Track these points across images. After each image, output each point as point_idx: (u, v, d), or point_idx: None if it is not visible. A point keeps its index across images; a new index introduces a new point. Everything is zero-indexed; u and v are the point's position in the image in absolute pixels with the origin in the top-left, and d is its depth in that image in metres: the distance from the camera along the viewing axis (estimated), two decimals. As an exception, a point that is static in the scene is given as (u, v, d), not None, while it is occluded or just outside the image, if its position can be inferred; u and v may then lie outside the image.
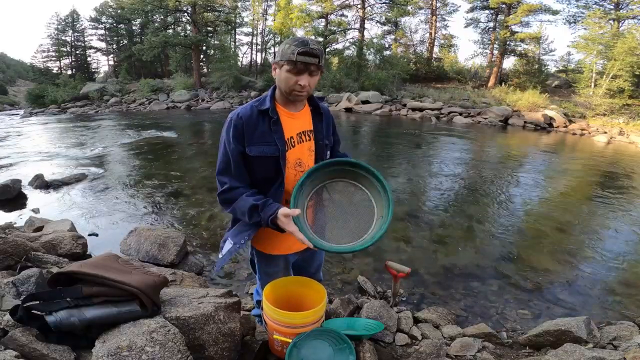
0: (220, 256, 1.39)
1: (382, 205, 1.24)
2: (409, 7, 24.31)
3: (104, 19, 33.50)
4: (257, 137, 1.26)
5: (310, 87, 1.24)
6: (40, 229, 3.49)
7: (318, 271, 1.71)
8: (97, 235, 3.80)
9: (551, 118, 15.42)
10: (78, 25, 33.72)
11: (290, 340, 1.34)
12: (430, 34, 27.08)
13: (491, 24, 24.91)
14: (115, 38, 34.49)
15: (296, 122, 1.34)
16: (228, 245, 1.37)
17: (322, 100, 1.47)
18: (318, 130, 1.39)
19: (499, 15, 23.80)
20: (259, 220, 1.21)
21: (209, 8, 26.38)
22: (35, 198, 5.08)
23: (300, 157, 1.34)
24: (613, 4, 19.94)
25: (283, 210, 1.17)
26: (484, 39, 25.50)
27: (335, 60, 25.51)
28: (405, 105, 18.33)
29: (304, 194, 1.29)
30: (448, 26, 47.53)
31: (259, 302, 1.67)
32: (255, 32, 31.69)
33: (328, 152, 1.45)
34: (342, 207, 1.31)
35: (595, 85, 17.55)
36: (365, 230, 1.26)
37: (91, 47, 34.89)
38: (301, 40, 1.16)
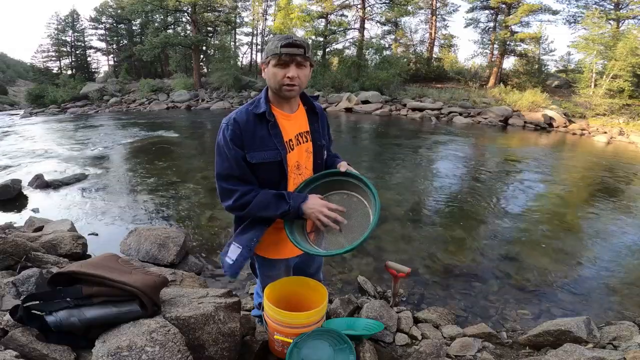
0: (229, 262, 1.31)
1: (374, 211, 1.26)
2: (409, 7, 24.28)
3: (104, 19, 33.47)
4: (257, 142, 1.22)
5: (301, 79, 1.19)
6: (40, 229, 3.49)
7: (318, 272, 1.71)
8: (97, 235, 3.80)
9: (551, 118, 15.42)
10: (78, 25, 33.67)
11: (291, 341, 1.34)
12: (430, 34, 27.07)
13: (491, 24, 24.90)
14: (115, 38, 34.46)
15: (293, 123, 1.31)
16: (236, 249, 1.31)
17: (316, 99, 1.44)
18: (315, 131, 1.36)
19: (499, 15, 23.79)
20: (287, 209, 1.19)
21: (209, 8, 26.36)
22: (35, 198, 5.08)
23: (299, 159, 1.32)
24: (613, 4, 19.95)
25: (317, 200, 1.23)
26: (484, 39, 25.50)
27: (335, 60, 25.50)
28: (405, 105, 18.32)
29: None
30: (448, 26, 47.49)
31: (260, 304, 1.67)
32: (255, 32, 31.72)
33: (325, 152, 1.43)
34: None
35: (595, 85, 17.54)
36: (361, 235, 1.25)
37: (91, 47, 34.86)
38: (284, 35, 1.17)
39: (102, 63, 39.51)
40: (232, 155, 1.21)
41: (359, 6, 24.17)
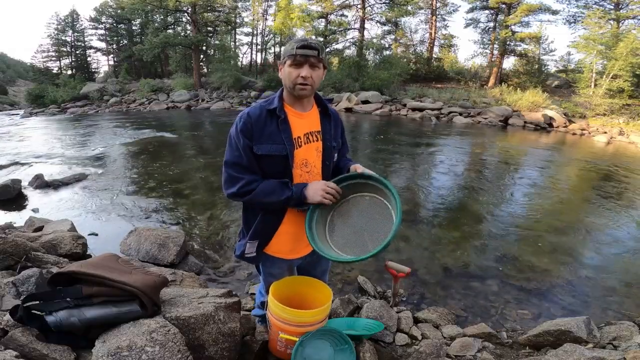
0: (250, 256, 1.42)
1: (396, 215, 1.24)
2: (409, 7, 24.28)
3: (104, 19, 33.47)
4: (265, 136, 1.28)
5: (313, 80, 1.26)
6: (40, 229, 3.49)
7: (323, 275, 1.70)
8: (97, 235, 3.79)
9: (551, 118, 15.42)
10: (78, 25, 33.67)
11: (296, 339, 1.34)
12: (430, 34, 27.08)
13: (491, 24, 24.92)
14: (115, 38, 34.47)
15: (304, 121, 1.35)
16: (252, 246, 1.41)
17: (330, 102, 1.49)
18: (326, 131, 1.40)
19: (499, 15, 23.79)
20: (290, 194, 1.25)
21: (209, 8, 26.37)
22: (35, 198, 5.08)
23: (307, 157, 1.35)
24: (613, 4, 19.94)
25: (319, 182, 1.28)
26: (484, 39, 25.52)
27: (335, 60, 25.51)
28: (405, 105, 18.32)
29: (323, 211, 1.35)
30: (448, 26, 47.41)
31: (263, 303, 1.67)
32: (255, 32, 31.74)
33: (336, 155, 1.46)
34: (360, 221, 1.33)
35: (595, 85, 17.53)
36: (380, 241, 1.26)
37: (91, 47, 34.87)
38: (301, 38, 1.27)
39: (102, 63, 39.58)
40: (241, 145, 1.27)
41: (359, 6, 24.16)
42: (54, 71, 32.65)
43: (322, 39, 23.96)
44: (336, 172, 1.46)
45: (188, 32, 27.21)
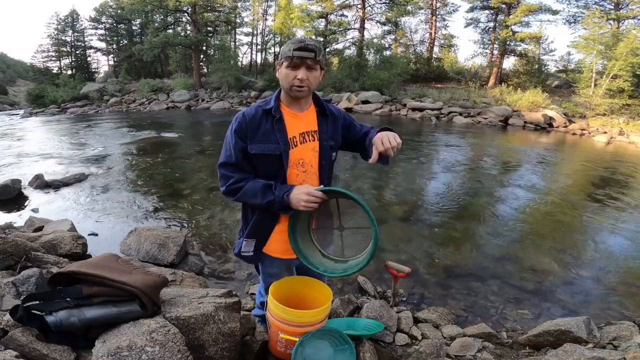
0: (247, 255, 1.43)
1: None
2: (409, 7, 24.27)
3: (103, 19, 33.47)
4: (260, 135, 1.29)
5: (310, 81, 1.26)
6: (40, 229, 3.49)
7: (322, 275, 1.70)
8: (97, 235, 3.79)
9: (551, 118, 15.43)
10: (78, 25, 33.67)
11: (296, 339, 1.34)
12: (430, 34, 27.07)
13: (491, 24, 24.91)
14: (115, 38, 34.46)
15: (300, 121, 1.35)
16: (249, 244, 1.43)
17: (329, 102, 1.49)
18: (323, 131, 1.39)
19: (499, 15, 23.79)
20: (272, 198, 1.24)
21: (209, 8, 26.37)
22: (35, 198, 5.08)
23: (303, 157, 1.35)
24: (613, 4, 19.94)
25: (302, 187, 1.24)
26: (484, 39, 25.51)
27: (335, 60, 25.51)
28: (405, 105, 18.31)
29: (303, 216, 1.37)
30: (448, 26, 47.23)
31: (262, 303, 1.67)
32: (255, 32, 31.73)
33: (334, 154, 1.45)
34: (345, 221, 1.37)
35: (595, 85, 17.53)
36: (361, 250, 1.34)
37: (91, 47, 34.87)
38: (298, 39, 1.25)
39: (102, 63, 39.42)
40: (233, 145, 1.29)
41: (359, 6, 24.16)
42: (54, 71, 32.65)
43: (322, 39, 24.00)
44: (362, 145, 1.47)
45: (188, 32, 27.19)
